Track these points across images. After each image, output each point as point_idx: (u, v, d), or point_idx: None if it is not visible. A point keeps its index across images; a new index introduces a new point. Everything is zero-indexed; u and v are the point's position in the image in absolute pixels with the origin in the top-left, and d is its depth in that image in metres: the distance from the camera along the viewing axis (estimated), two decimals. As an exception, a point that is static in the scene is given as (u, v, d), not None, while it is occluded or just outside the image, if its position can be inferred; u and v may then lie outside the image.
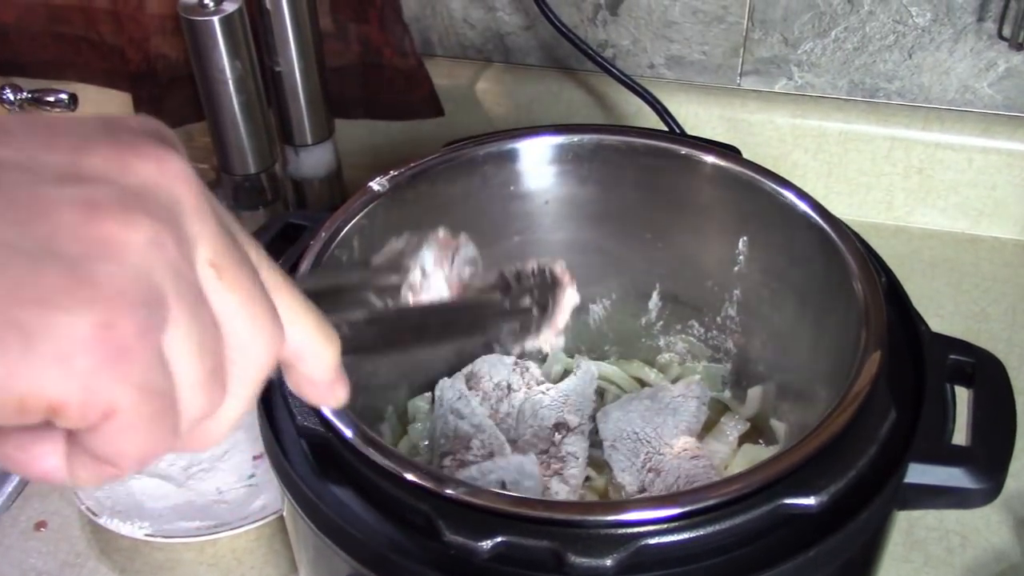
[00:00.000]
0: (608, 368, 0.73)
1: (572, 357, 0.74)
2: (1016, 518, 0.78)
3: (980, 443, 0.49)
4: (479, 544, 0.43)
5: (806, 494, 0.44)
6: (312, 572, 0.55)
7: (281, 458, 0.49)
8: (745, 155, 1.03)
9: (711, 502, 0.43)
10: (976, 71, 0.96)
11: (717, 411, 0.70)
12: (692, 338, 0.71)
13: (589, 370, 0.71)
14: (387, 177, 0.61)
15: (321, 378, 0.31)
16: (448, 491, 0.44)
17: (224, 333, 0.27)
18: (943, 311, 0.95)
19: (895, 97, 1.00)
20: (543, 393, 0.69)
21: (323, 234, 0.57)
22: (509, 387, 0.70)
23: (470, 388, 0.69)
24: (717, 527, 0.44)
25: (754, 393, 0.68)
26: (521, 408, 0.69)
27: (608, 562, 0.42)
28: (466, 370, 0.72)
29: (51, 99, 1.08)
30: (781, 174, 1.02)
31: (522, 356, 0.73)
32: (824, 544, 0.44)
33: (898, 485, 0.47)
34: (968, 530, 0.78)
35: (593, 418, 0.69)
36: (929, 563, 0.76)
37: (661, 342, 0.72)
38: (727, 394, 0.71)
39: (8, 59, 1.16)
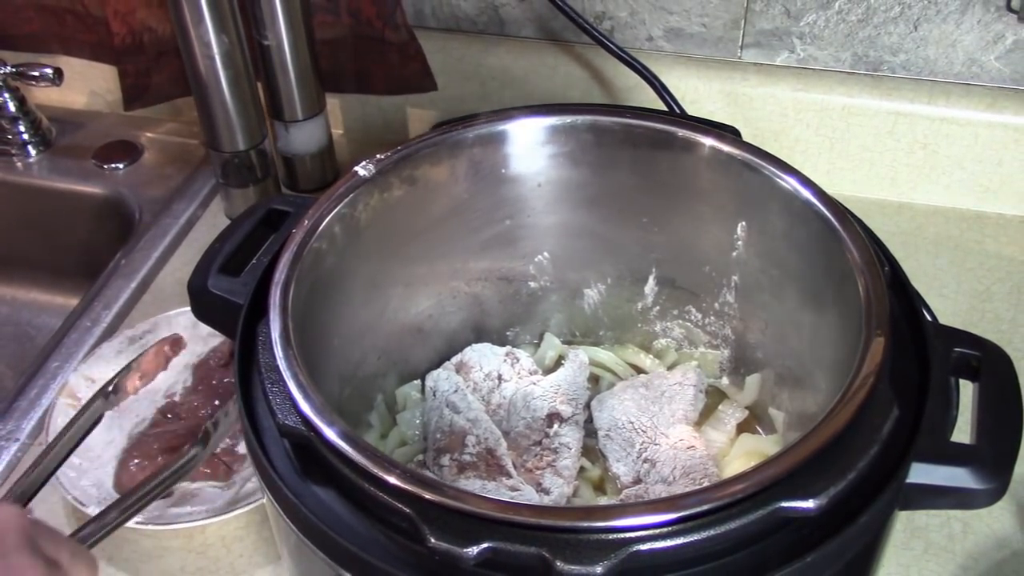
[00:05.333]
0: (602, 354, 0.71)
1: (568, 344, 0.73)
2: (1018, 505, 0.77)
3: (985, 441, 0.47)
4: (465, 551, 0.42)
5: (804, 497, 0.43)
6: (294, 569, 0.53)
7: (261, 456, 0.47)
8: (745, 130, 1.01)
9: (706, 507, 0.42)
10: (983, 44, 0.93)
11: (715, 398, 0.69)
12: (689, 324, 0.69)
13: (580, 359, 0.70)
14: (373, 161, 0.59)
15: None
16: (433, 496, 0.42)
17: None
18: (946, 290, 0.93)
19: (900, 71, 0.97)
20: (534, 384, 0.68)
21: (306, 222, 0.55)
22: (500, 377, 0.69)
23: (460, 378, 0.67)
24: (712, 532, 0.42)
25: (752, 381, 0.66)
26: (513, 399, 0.67)
27: (598, 569, 0.41)
28: (456, 359, 0.70)
29: (35, 74, 1.07)
30: (782, 149, 1.01)
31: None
32: (823, 548, 0.43)
33: (900, 486, 0.46)
34: (969, 516, 0.76)
35: (587, 407, 0.68)
36: (930, 550, 0.74)
37: (657, 327, 0.70)
38: (725, 381, 0.69)
39: (-8, 32, 1.13)
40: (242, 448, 0.78)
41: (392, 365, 0.68)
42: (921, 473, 0.46)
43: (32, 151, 1.13)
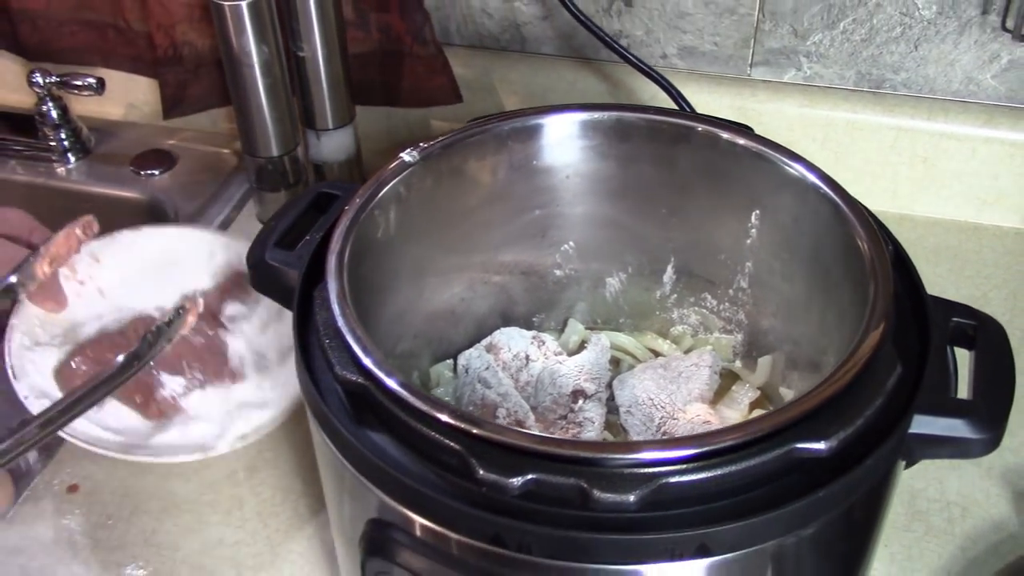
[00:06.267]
0: (623, 338, 0.76)
1: (590, 329, 0.78)
2: (1014, 491, 0.81)
3: (981, 397, 0.51)
4: (510, 481, 0.46)
5: (817, 439, 0.47)
6: (345, 520, 0.58)
7: (321, 405, 0.52)
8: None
9: (728, 443, 0.46)
10: (980, 63, 0.99)
11: (728, 380, 0.73)
12: (705, 310, 0.74)
13: (603, 343, 0.74)
14: (417, 149, 0.64)
15: None
16: (481, 431, 0.47)
17: None
18: (945, 295, 0.97)
19: (901, 88, 1.03)
20: (560, 363, 0.72)
21: (358, 200, 0.60)
22: (527, 358, 0.73)
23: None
24: (733, 468, 0.46)
25: (764, 362, 0.71)
26: (540, 377, 0.71)
27: (631, 498, 0.45)
28: (485, 342, 0.75)
29: (79, 83, 1.12)
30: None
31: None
32: (833, 486, 0.47)
33: (903, 435, 0.50)
34: (968, 502, 0.81)
35: (609, 386, 0.72)
36: (930, 532, 0.79)
37: (674, 315, 0.75)
38: (738, 364, 0.73)
39: (36, 45, 1.19)
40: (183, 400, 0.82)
41: (426, 345, 0.72)
42: (922, 424, 0.50)
43: (72, 158, 1.18)
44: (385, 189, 0.62)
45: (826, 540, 0.51)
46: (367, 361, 0.51)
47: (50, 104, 1.16)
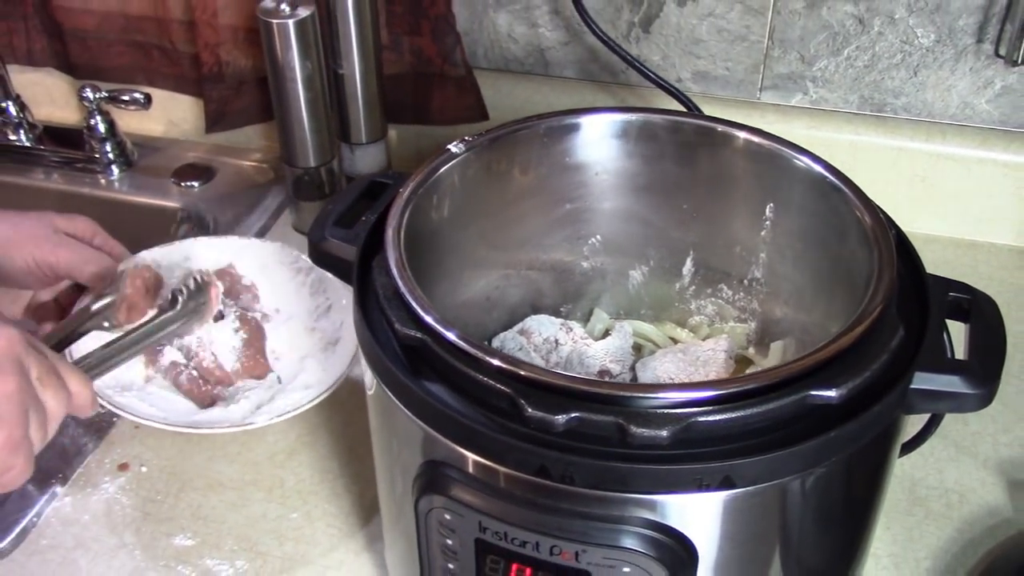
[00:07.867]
0: (645, 327, 0.81)
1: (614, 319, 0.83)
2: (1009, 480, 0.86)
3: (976, 358, 0.57)
4: (555, 418, 0.51)
5: (829, 387, 0.53)
6: (396, 468, 0.63)
7: (383, 359, 0.58)
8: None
9: (749, 387, 0.52)
10: (975, 88, 1.06)
11: (742, 365, 0.79)
12: (721, 301, 0.79)
13: (626, 330, 0.80)
14: (464, 142, 0.70)
15: (84, 406, 0.63)
16: (529, 373, 0.53)
17: (46, 407, 0.59)
18: (944, 305, 1.04)
19: (901, 112, 1.10)
20: (587, 346, 0.78)
21: (411, 184, 0.67)
22: (557, 342, 0.79)
23: (523, 340, 0.78)
24: (754, 410, 0.52)
25: (776, 347, 0.76)
26: (569, 358, 0.77)
27: (664, 433, 0.51)
28: (518, 327, 0.80)
29: (127, 98, 1.19)
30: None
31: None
32: (843, 429, 0.53)
33: (906, 388, 0.56)
34: (965, 489, 0.86)
35: (632, 368, 0.78)
36: (930, 517, 0.84)
37: (692, 305, 0.81)
38: (751, 351, 0.79)
39: (85, 63, 1.26)
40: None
41: (462, 328, 0.77)
42: (923, 380, 0.56)
43: (116, 170, 1.25)
44: (436, 175, 0.68)
45: (835, 484, 0.57)
46: (428, 318, 0.56)
47: (98, 118, 1.22)
